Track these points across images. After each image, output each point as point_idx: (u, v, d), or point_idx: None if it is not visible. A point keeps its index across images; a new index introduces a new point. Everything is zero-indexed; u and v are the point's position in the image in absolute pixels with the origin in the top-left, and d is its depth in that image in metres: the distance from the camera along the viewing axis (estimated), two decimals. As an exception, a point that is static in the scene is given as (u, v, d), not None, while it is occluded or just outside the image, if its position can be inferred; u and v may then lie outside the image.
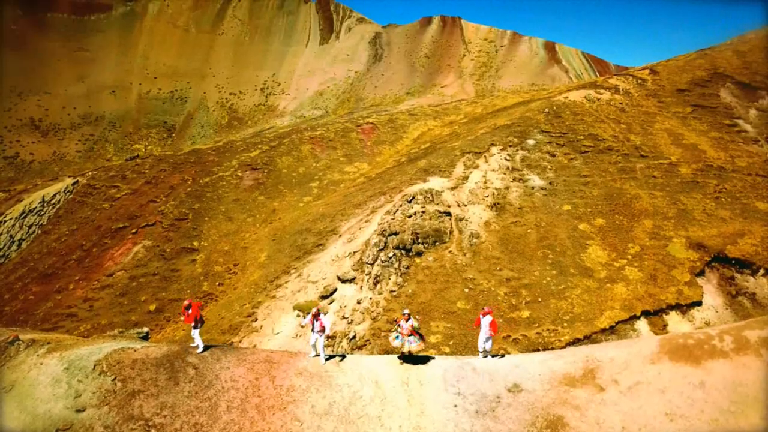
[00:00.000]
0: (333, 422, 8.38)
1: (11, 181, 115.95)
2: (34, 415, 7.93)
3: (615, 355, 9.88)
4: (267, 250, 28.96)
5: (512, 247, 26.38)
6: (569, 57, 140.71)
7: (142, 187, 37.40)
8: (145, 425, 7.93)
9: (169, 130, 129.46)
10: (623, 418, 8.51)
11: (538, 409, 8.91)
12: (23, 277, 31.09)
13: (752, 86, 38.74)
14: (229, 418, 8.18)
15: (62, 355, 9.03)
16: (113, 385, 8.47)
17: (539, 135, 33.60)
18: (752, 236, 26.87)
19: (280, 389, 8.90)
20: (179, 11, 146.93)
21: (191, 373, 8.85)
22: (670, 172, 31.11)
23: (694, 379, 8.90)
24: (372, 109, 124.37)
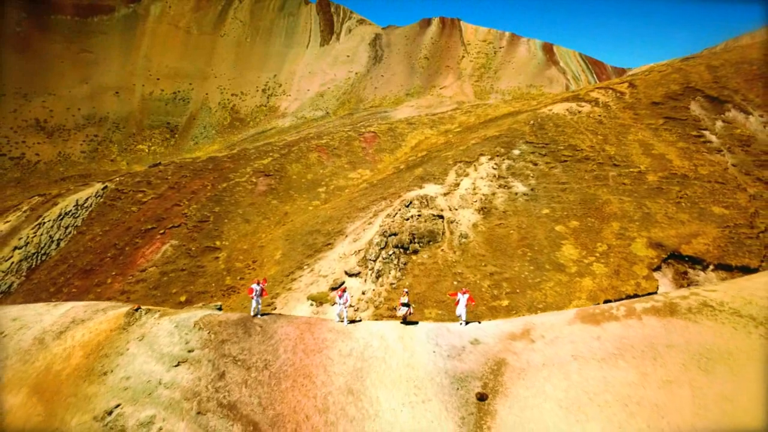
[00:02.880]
0: (353, 360, 12.88)
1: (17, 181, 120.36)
2: (161, 354, 12.41)
3: (545, 320, 14.38)
4: (282, 249, 33.52)
5: (496, 246, 30.98)
6: (567, 59, 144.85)
7: (166, 191, 42.01)
8: (233, 360, 12.42)
9: (172, 131, 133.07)
10: (544, 359, 12.99)
11: (489, 354, 13.40)
12: (65, 272, 35.61)
13: (720, 100, 43.30)
14: (285, 357, 12.67)
15: (171, 318, 13.51)
16: (209, 336, 12.95)
17: (524, 145, 38.19)
18: (705, 237, 31.51)
19: (317, 340, 13.37)
20: (181, 13, 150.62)
21: (258, 330, 13.34)
22: (639, 180, 35.69)
23: (594, 334, 13.39)
24: (372, 110, 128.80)
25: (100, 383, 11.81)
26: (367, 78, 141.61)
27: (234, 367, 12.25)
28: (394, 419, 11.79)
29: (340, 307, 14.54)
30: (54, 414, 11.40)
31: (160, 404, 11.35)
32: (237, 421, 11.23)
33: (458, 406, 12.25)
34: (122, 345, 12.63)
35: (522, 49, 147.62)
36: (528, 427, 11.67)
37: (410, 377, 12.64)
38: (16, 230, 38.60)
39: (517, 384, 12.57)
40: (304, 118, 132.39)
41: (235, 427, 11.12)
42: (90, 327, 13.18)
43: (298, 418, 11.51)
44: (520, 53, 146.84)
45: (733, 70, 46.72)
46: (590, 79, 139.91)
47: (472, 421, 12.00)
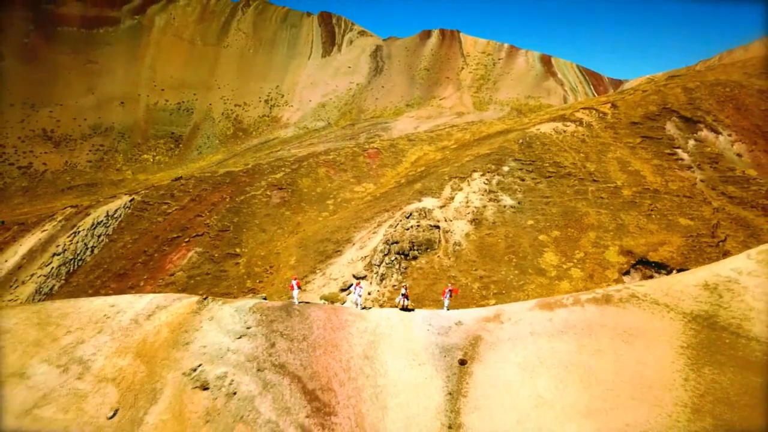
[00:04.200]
0: (367, 335, 17.64)
1: (25, 190, 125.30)
2: (227, 330, 17.18)
3: (512, 308, 19.14)
4: (296, 255, 38.30)
5: (486, 252, 35.89)
6: (564, 70, 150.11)
7: (189, 203, 46.93)
8: (280, 334, 17.16)
9: (176, 141, 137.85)
10: (509, 335, 17.71)
11: (468, 332, 18.14)
12: (101, 276, 40.33)
13: (693, 120, 48.37)
14: (318, 332, 17.43)
15: (231, 304, 18.29)
16: (261, 317, 17.71)
17: (513, 162, 43.22)
18: (670, 245, 36.45)
19: (340, 320, 18.11)
20: (185, 24, 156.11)
21: (297, 313, 18.10)
22: (615, 194, 40.67)
23: (547, 317, 18.11)
24: (373, 120, 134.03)
25: (184, 350, 16.68)
26: (368, 89, 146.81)
27: (281, 339, 17.14)
28: (398, 377, 16.66)
29: (357, 297, 19.45)
30: (153, 371, 16.27)
31: (230, 364, 16.22)
32: (286, 376, 16.10)
33: (445, 368, 17.12)
34: (197, 323, 17.52)
35: (520, 61, 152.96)
36: (495, 382, 16.53)
37: (410, 348, 17.53)
38: (54, 238, 43.42)
39: (488, 353, 17.45)
40: (306, 128, 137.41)
41: (285, 380, 15.99)
42: (171, 311, 18.08)
43: (329, 374, 16.38)
44: (518, 65, 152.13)
45: (708, 92, 51.75)
46: (587, 90, 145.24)
47: (455, 379, 16.87)
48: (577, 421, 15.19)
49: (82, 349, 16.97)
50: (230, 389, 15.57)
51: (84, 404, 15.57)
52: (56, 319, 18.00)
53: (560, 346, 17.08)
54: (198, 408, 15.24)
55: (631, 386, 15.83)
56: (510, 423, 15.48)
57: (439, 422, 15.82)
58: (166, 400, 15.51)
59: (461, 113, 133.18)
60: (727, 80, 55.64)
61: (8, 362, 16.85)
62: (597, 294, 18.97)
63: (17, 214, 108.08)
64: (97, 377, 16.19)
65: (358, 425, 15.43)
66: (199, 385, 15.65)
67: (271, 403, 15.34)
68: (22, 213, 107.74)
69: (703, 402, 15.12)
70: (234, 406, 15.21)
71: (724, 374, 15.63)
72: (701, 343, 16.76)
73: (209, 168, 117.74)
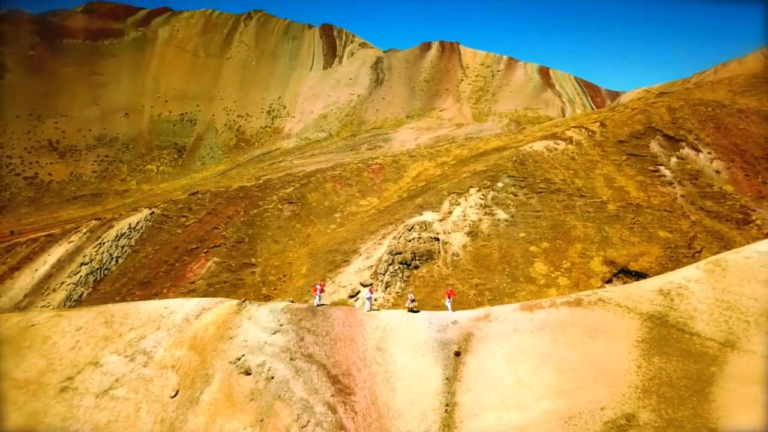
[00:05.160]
0: (379, 332, 21.66)
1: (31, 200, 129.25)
2: (263, 327, 21.18)
3: (499, 309, 23.13)
4: (307, 265, 42.30)
5: (481, 262, 39.99)
6: (562, 82, 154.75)
7: (206, 216, 51.03)
8: (307, 330, 21.17)
9: (180, 152, 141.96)
10: (496, 331, 21.71)
11: (463, 329, 22.14)
12: (126, 284, 44.27)
13: (676, 139, 52.69)
14: (338, 329, 21.45)
15: (265, 306, 22.31)
16: (291, 317, 21.72)
17: (507, 179, 47.45)
18: (650, 256, 40.57)
19: (356, 319, 22.11)
20: (189, 36, 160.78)
21: (321, 313, 22.12)
22: (601, 208, 44.86)
23: (528, 317, 22.10)
24: (374, 132, 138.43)
25: (229, 343, 20.74)
26: (369, 100, 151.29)
27: (308, 334, 21.21)
28: (405, 365, 20.72)
29: (368, 299, 23.59)
30: (205, 360, 20.31)
31: (267, 354, 20.27)
32: (313, 364, 20.16)
33: (443, 359, 21.18)
34: (238, 322, 21.59)
35: (519, 73, 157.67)
36: (484, 369, 20.58)
37: (414, 342, 21.61)
38: (80, 249, 47.43)
39: (479, 346, 21.52)
40: (307, 139, 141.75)
41: (312, 367, 20.04)
42: (215, 311, 22.16)
43: (348, 362, 20.44)
44: (517, 76, 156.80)
45: (690, 112, 56.14)
46: (585, 101, 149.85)
47: (451, 367, 20.92)
48: (549, 398, 19.21)
49: (144, 342, 21.01)
50: (269, 374, 19.60)
51: (150, 386, 19.59)
52: (120, 319, 22.05)
53: (538, 341, 21.12)
54: (244, 389, 19.26)
55: (594, 372, 19.85)
56: (496, 401, 19.50)
57: (438, 401, 19.85)
58: (217, 383, 19.53)
59: (461, 124, 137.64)
60: (710, 100, 60.05)
61: (84, 353, 20.88)
62: (570, 298, 22.98)
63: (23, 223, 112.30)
64: (160, 365, 20.23)
65: (373, 402, 19.47)
66: (243, 371, 19.68)
67: (303, 385, 19.38)
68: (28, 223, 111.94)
69: (651, 384, 19.12)
70: (273, 388, 19.23)
71: (669, 363, 19.65)
72: (653, 338, 20.79)
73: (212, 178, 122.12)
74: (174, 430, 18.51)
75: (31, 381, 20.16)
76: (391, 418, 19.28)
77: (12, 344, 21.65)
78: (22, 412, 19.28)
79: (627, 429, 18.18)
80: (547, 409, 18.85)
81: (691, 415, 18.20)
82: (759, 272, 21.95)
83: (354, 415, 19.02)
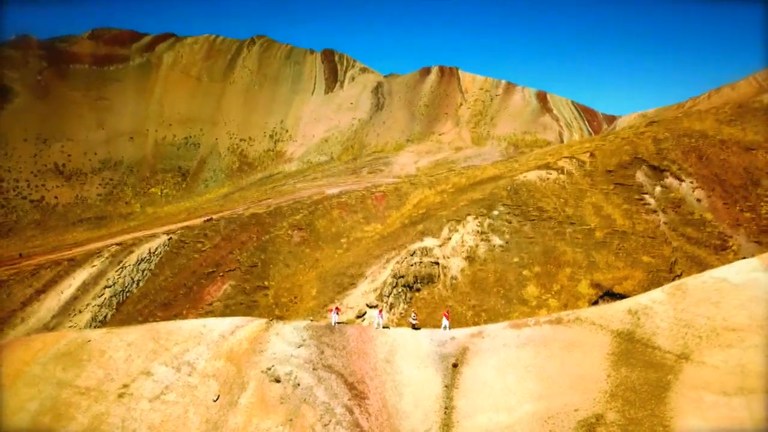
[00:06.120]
0: (387, 346, 25.73)
1: (37, 223, 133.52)
2: (289, 341, 25.24)
3: (491, 327, 27.23)
4: (316, 287, 46.39)
5: (478, 285, 44.18)
6: (560, 106, 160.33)
7: (220, 242, 55.31)
8: (326, 344, 25.22)
9: (183, 175, 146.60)
10: (488, 346, 25.74)
11: (460, 344, 26.19)
12: (148, 306, 48.24)
13: (660, 169, 57.26)
14: (353, 344, 25.51)
15: (290, 324, 26.38)
16: (312, 333, 25.78)
17: (502, 207, 51.91)
18: (633, 279, 44.78)
19: (368, 335, 26.18)
20: (192, 61, 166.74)
21: (337, 330, 26.19)
22: (589, 235, 49.16)
23: (515, 334, 26.17)
24: (374, 155, 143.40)
25: (260, 355, 24.86)
26: (370, 124, 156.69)
27: (327, 348, 25.37)
28: (410, 375, 24.83)
29: (378, 319, 27.80)
30: (240, 370, 24.41)
31: (293, 365, 24.38)
32: (333, 373, 24.27)
33: (443, 369, 25.29)
34: (267, 337, 25.74)
35: (517, 97, 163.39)
36: (477, 378, 24.68)
37: (418, 355, 25.76)
38: (103, 273, 51.58)
39: (473, 359, 25.64)
40: (309, 162, 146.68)
41: (332, 376, 24.14)
42: (247, 329, 26.32)
43: (362, 372, 24.56)
44: (515, 101, 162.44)
45: (675, 142, 60.83)
46: (582, 126, 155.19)
47: (449, 376, 25.02)
48: (532, 402, 23.27)
49: (188, 355, 25.13)
50: (295, 382, 23.68)
51: (195, 392, 23.65)
52: (165, 335, 26.19)
53: (523, 354, 25.23)
54: (274, 394, 23.32)
55: (570, 380, 23.93)
56: (487, 404, 23.57)
57: (439, 405, 23.92)
58: (252, 389, 23.59)
59: (460, 148, 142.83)
60: (694, 131, 64.78)
61: (136, 364, 24.98)
62: (552, 317, 27.11)
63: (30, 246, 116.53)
64: (202, 374, 24.31)
65: (384, 405, 23.55)
66: (273, 379, 23.76)
67: (324, 391, 23.46)
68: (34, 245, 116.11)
69: (617, 390, 23.19)
70: (299, 393, 23.30)
71: (634, 372, 23.73)
72: (621, 351, 24.91)
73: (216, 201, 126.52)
74: (217, 428, 22.52)
75: (92, 388, 24.22)
76: (399, 419, 23.31)
77: (72, 357, 25.76)
78: (86, 414, 23.31)
79: (596, 427, 22.21)
80: (530, 411, 22.88)
81: (649, 415, 22.23)
82: (712, 295, 26.17)
83: (368, 416, 23.05)
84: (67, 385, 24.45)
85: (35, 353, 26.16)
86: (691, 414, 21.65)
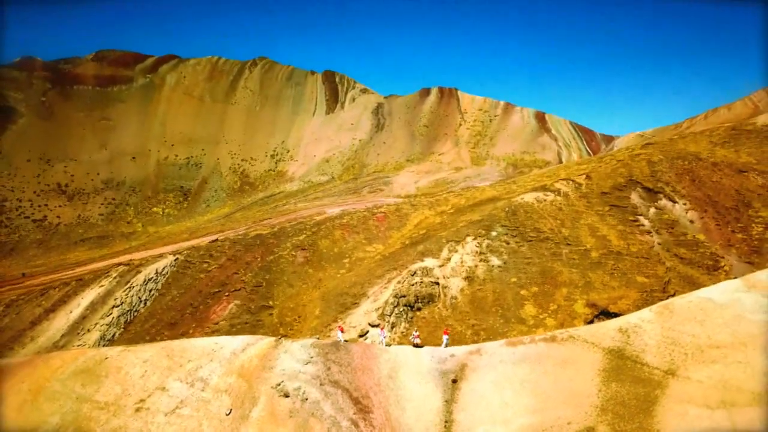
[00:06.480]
0: (390, 363, 27.31)
1: (39, 242, 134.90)
2: (297, 358, 26.80)
3: (488, 345, 28.82)
4: (319, 307, 47.93)
5: (477, 305, 45.78)
6: (558, 126, 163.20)
7: (226, 262, 56.98)
8: (332, 361, 26.80)
9: (185, 194, 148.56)
10: (485, 363, 27.31)
11: (459, 361, 27.76)
12: (155, 325, 49.69)
13: (654, 191, 59.23)
14: (357, 361, 27.09)
15: (297, 342, 28.03)
16: (319, 350, 27.37)
17: (500, 228, 53.73)
18: (628, 299, 46.38)
19: (372, 352, 27.77)
20: (195, 82, 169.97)
21: (343, 347, 27.78)
22: (585, 256, 50.90)
23: (511, 351, 27.76)
24: (375, 175, 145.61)
25: (270, 372, 26.45)
26: (370, 144, 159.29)
27: (333, 364, 26.97)
28: (412, 390, 26.40)
29: (382, 337, 29.42)
30: (251, 385, 25.97)
31: (302, 380, 25.96)
32: (339, 388, 25.84)
33: (443, 385, 26.86)
34: (276, 354, 27.36)
35: (516, 117, 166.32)
36: (475, 393, 26.24)
37: (419, 371, 27.35)
38: (111, 293, 53.13)
39: (471, 375, 27.23)
40: (310, 182, 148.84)
41: (338, 391, 25.71)
42: (257, 346, 27.95)
43: (366, 387, 26.14)
44: (514, 121, 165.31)
45: (668, 165, 62.88)
46: (580, 146, 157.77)
47: (449, 392, 26.58)
48: (527, 416, 24.81)
49: (201, 371, 26.71)
50: (303, 396, 25.24)
51: (209, 406, 25.18)
52: (179, 352, 27.80)
53: (519, 370, 26.83)
54: (284, 408, 24.86)
55: (564, 395, 25.50)
56: (485, 418, 25.11)
57: (439, 418, 25.45)
58: (263, 403, 25.14)
59: (459, 168, 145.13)
60: (687, 153, 66.92)
61: (152, 380, 26.55)
62: (546, 335, 28.75)
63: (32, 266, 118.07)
64: (215, 389, 25.87)
65: (387, 419, 25.08)
66: (282, 394, 25.33)
67: (331, 405, 25.01)
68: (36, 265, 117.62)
69: (608, 404, 24.74)
70: (307, 407, 24.85)
71: (623, 387, 25.29)
72: (612, 368, 26.50)
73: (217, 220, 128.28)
74: (230, 440, 24.04)
75: (111, 403, 25.76)
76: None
77: (91, 373, 27.34)
78: (105, 428, 24.83)
79: (587, 439, 23.76)
80: (525, 424, 24.42)
81: (638, 428, 23.78)
82: (697, 314, 27.86)
83: (372, 429, 24.58)
84: (86, 400, 25.98)
85: (55, 370, 27.74)
86: (677, 426, 23.17)
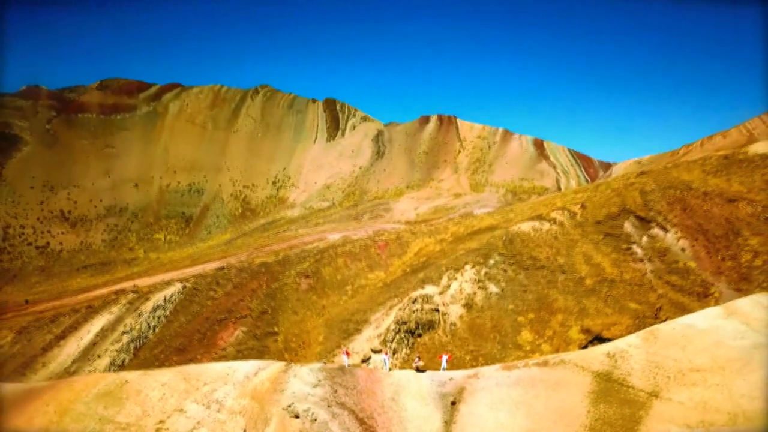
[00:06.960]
0: (393, 386, 29.41)
1: (42, 269, 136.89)
2: (306, 381, 29.01)
3: (485, 369, 30.89)
4: (323, 333, 50.00)
5: (475, 331, 47.93)
6: (556, 153, 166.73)
7: (232, 290, 59.23)
8: (339, 384, 28.90)
9: (187, 221, 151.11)
10: (482, 386, 29.37)
11: (457, 384, 29.83)
12: (164, 351, 51.64)
13: (647, 219, 61.79)
14: (362, 384, 29.18)
15: (305, 366, 30.20)
16: (326, 374, 29.48)
17: (497, 256, 56.15)
18: (621, 325, 48.55)
19: (376, 376, 29.86)
20: (198, 110, 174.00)
21: (348, 372, 29.90)
22: (579, 283, 53.20)
23: (506, 374, 29.86)
24: (375, 201, 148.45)
25: (281, 394, 28.62)
26: (371, 171, 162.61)
27: (340, 387, 29.15)
28: (414, 411, 28.53)
29: (385, 362, 31.66)
30: (263, 407, 28.11)
31: (311, 402, 28.11)
32: (345, 410, 27.98)
33: (442, 407, 29.00)
34: (287, 378, 29.55)
35: (514, 144, 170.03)
36: (473, 414, 28.36)
37: (420, 393, 29.52)
38: (120, 319, 55.24)
39: (469, 397, 29.39)
40: (311, 208, 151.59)
41: (345, 412, 27.85)
42: (268, 370, 30.14)
43: (371, 409, 28.28)
44: (512, 148, 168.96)
45: (661, 194, 65.56)
46: (578, 172, 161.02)
47: (448, 413, 28.70)
48: (521, 435, 26.93)
49: (216, 394, 28.86)
50: (312, 417, 27.36)
51: (225, 427, 27.28)
52: (195, 376, 29.98)
53: (513, 392, 28.98)
54: (294, 428, 26.97)
55: (555, 415, 27.64)
56: (481, 438, 27.21)
57: (439, 438, 27.55)
58: (274, 424, 27.24)
59: (459, 194, 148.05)
60: (679, 182, 69.64)
61: (170, 402, 28.68)
62: (539, 360, 30.93)
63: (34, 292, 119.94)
64: (230, 411, 27.99)
65: (390, 439, 27.18)
66: (293, 415, 27.45)
67: (338, 425, 27.13)
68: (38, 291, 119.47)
69: (596, 424, 26.89)
70: (316, 427, 26.96)
71: (610, 408, 27.46)
72: (600, 390, 28.69)
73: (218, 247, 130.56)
74: (245, 458, 26.09)
75: (132, 424, 27.85)
76: (404, 451, 26.92)
77: (112, 396, 29.47)
78: (127, 447, 26.88)
79: (577, 457, 25.85)
80: (519, 443, 26.54)
81: (623, 446, 25.87)
82: (680, 339, 30.19)
83: (377, 448, 26.67)
84: (108, 421, 28.07)
85: (79, 392, 29.88)
86: (659, 445, 25.30)
